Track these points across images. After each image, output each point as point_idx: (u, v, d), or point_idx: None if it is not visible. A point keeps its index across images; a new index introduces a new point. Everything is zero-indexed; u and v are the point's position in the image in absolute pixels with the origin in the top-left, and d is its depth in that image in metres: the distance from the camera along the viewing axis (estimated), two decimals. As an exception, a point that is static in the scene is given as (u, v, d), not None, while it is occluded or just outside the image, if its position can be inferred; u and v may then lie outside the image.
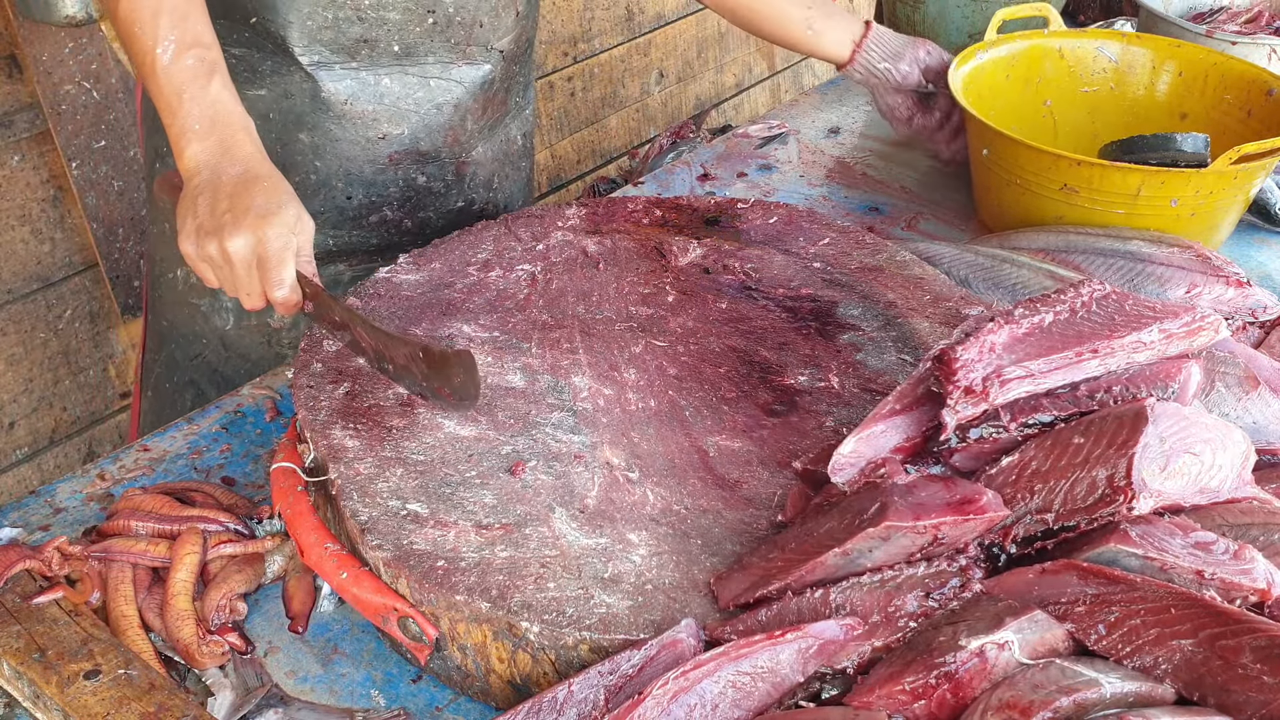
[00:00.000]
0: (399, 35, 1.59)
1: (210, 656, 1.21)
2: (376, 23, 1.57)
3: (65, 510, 1.42)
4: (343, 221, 1.74)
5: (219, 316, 1.73)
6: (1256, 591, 1.01)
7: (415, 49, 1.62)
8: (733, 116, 4.12)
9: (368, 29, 1.57)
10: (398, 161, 1.70)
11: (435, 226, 1.81)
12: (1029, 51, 2.03)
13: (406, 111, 1.66)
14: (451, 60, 1.65)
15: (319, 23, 1.55)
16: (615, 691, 1.03)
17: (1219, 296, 1.54)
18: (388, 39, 1.59)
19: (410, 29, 1.59)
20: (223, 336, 1.75)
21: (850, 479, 1.14)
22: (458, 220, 1.83)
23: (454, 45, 1.65)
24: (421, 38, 1.61)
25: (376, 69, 1.61)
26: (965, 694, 0.97)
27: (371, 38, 1.58)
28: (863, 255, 1.64)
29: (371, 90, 1.63)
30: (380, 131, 1.66)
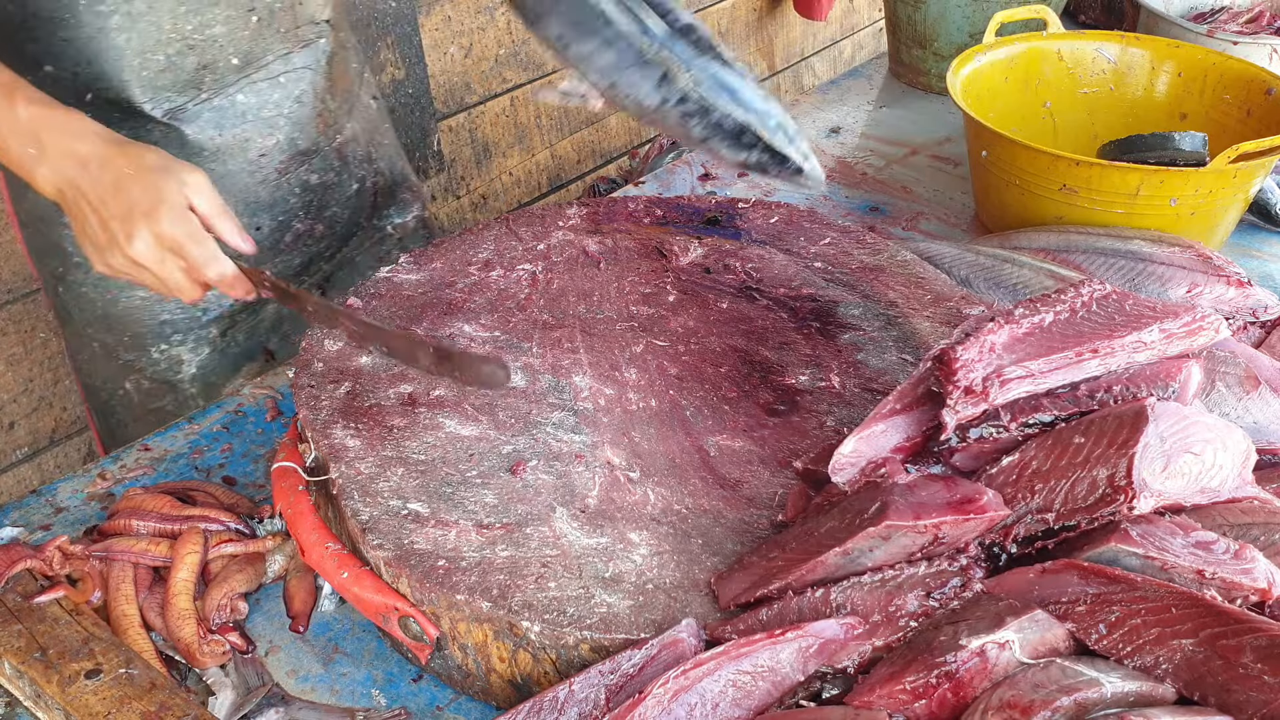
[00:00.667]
0: (232, 47, 1.52)
1: (211, 656, 1.21)
2: (207, 44, 1.49)
3: (66, 510, 1.42)
4: (263, 255, 1.67)
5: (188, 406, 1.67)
6: (1257, 591, 1.01)
7: (252, 54, 1.55)
8: (733, 117, 4.11)
9: (201, 54, 1.49)
10: (285, 170, 1.64)
11: (342, 219, 1.77)
12: (1028, 53, 2.03)
13: (273, 119, 1.60)
14: (289, 49, 1.59)
15: (154, 68, 1.47)
16: (616, 691, 1.04)
17: (1220, 296, 1.54)
18: (224, 55, 1.52)
19: (239, 36, 1.52)
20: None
21: (851, 479, 1.14)
22: (357, 206, 1.78)
23: (284, 34, 1.58)
24: (253, 40, 1.54)
25: (225, 90, 1.54)
26: (966, 693, 0.97)
27: (208, 61, 1.51)
28: (863, 255, 1.64)
29: (232, 113, 1.56)
30: (257, 149, 1.60)
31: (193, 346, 1.65)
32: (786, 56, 4.33)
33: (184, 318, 1.63)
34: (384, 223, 1.87)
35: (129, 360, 1.65)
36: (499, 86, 3.21)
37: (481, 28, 3.10)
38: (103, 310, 1.61)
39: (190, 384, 1.67)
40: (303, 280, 1.75)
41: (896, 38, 2.51)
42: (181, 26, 1.46)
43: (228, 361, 1.68)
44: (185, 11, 1.45)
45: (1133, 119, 2.01)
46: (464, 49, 3.07)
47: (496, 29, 3.15)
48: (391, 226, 1.88)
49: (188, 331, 1.64)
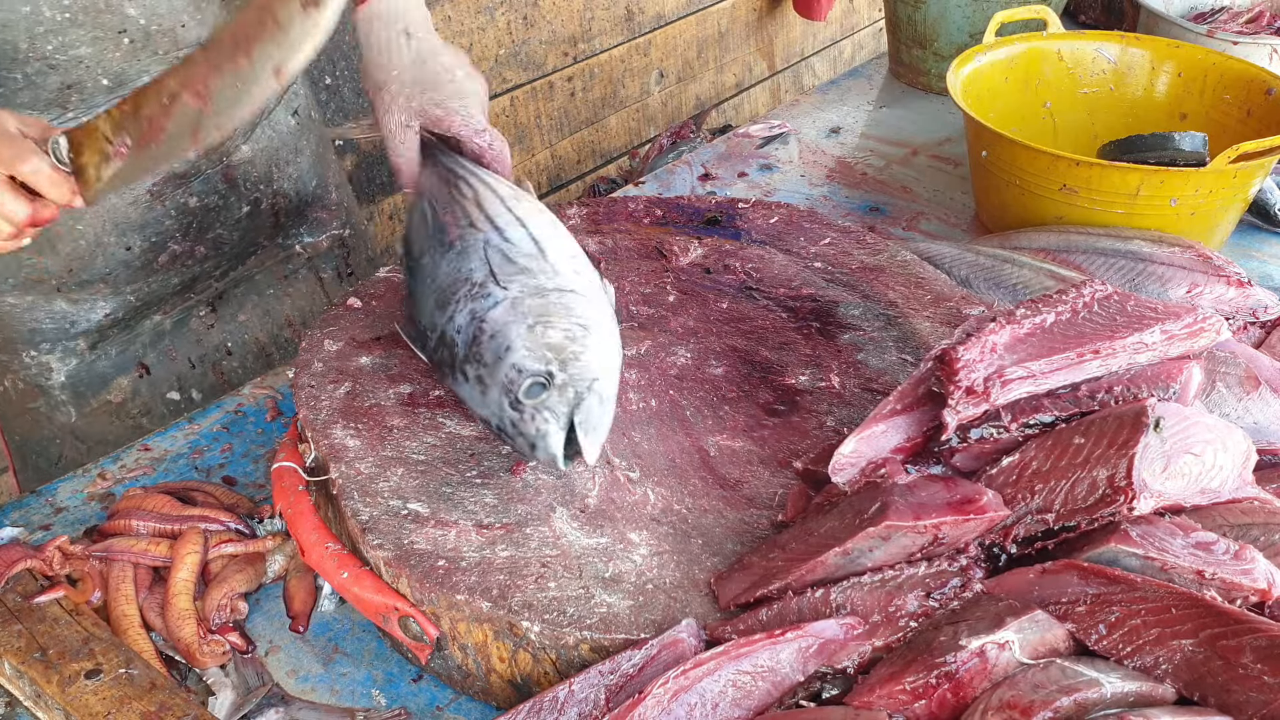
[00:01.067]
0: (101, 68, 1.44)
1: (211, 656, 1.21)
2: (71, 64, 1.42)
3: (66, 510, 1.42)
4: (134, 274, 1.62)
5: (60, 412, 1.66)
6: (1257, 591, 1.01)
7: (125, 75, 1.46)
8: (733, 116, 4.12)
9: (65, 74, 1.42)
10: (159, 194, 1.58)
11: (231, 240, 1.71)
12: (1028, 54, 2.03)
13: None
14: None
15: (12, 86, 1.40)
16: (616, 691, 1.04)
17: (1220, 296, 1.54)
18: (91, 76, 1.44)
19: (109, 57, 1.44)
20: (72, 429, 1.68)
21: (851, 479, 1.14)
22: (251, 227, 1.72)
23: (164, 57, 1.49)
24: (126, 61, 1.46)
25: (94, 110, 1.45)
26: (966, 694, 0.97)
27: (74, 81, 1.43)
28: (863, 255, 1.64)
29: None
30: None
31: (60, 356, 1.63)
32: (786, 56, 4.33)
33: (52, 328, 1.61)
34: (291, 241, 1.82)
35: (3, 360, 1.64)
36: (499, 86, 3.21)
37: (481, 28, 3.10)
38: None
39: (60, 391, 1.65)
40: (188, 298, 1.71)
41: (896, 38, 2.51)
42: (40, 46, 1.40)
43: (97, 374, 1.66)
44: (44, 32, 1.39)
45: (1133, 119, 2.01)
46: (464, 49, 3.07)
47: (496, 29, 3.15)
48: (300, 245, 1.84)
49: (55, 341, 1.62)
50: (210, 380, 1.77)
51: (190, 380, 1.74)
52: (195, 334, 1.74)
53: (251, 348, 1.80)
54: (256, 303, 1.80)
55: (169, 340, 1.70)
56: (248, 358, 1.80)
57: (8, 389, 1.68)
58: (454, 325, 1.26)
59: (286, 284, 1.83)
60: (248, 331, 1.79)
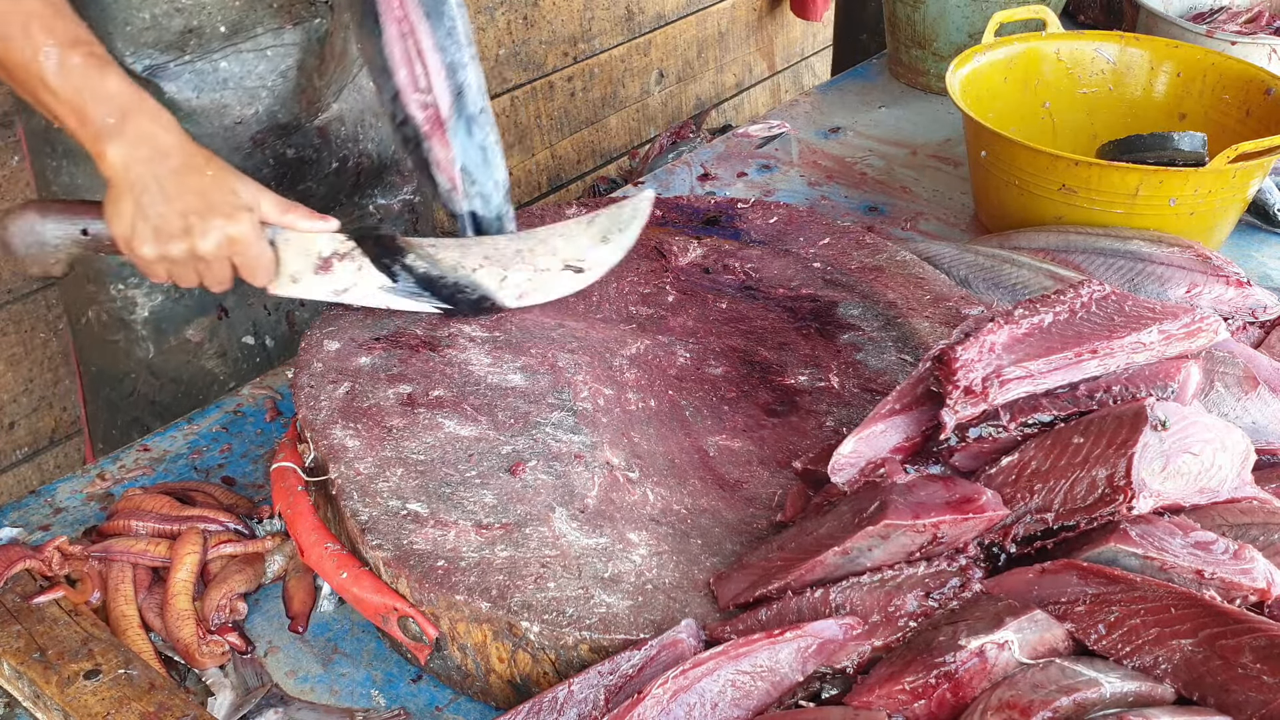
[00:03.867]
0: (221, 15, 1.53)
1: (210, 656, 1.21)
2: (195, 9, 1.51)
3: (65, 510, 1.42)
4: None
5: (139, 347, 1.69)
6: (1256, 591, 1.01)
7: (242, 24, 1.55)
8: (733, 116, 4.12)
9: (188, 18, 1.51)
10: (261, 142, 1.65)
11: (317, 195, 1.76)
12: (1027, 54, 2.03)
13: (254, 89, 1.60)
14: (280, 25, 1.58)
15: (138, 25, 1.49)
16: (615, 691, 1.04)
17: (1219, 296, 1.54)
18: (211, 22, 1.53)
19: (230, 5, 1.53)
20: (149, 365, 1.71)
21: (850, 479, 1.14)
22: (336, 184, 1.79)
23: (278, 9, 1.58)
24: (244, 10, 1.55)
25: (210, 55, 1.55)
26: (965, 694, 0.97)
27: (195, 25, 1.52)
28: (863, 255, 1.64)
29: (213, 78, 1.56)
30: (234, 117, 1.61)
31: (147, 291, 1.66)
32: (786, 56, 4.33)
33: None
34: (366, 202, 1.87)
35: (92, 292, 1.68)
36: (499, 86, 3.21)
37: (481, 28, 3.10)
38: None
39: (142, 326, 1.68)
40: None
41: (896, 38, 2.51)
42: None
43: (180, 311, 1.69)
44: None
45: (1132, 119, 2.01)
46: (463, 49, 3.07)
47: (496, 29, 3.15)
48: (374, 207, 1.88)
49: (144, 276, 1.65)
50: (283, 329, 1.80)
51: (265, 327, 1.77)
52: None
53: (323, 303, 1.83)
54: None
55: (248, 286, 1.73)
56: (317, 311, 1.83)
57: (90, 320, 1.71)
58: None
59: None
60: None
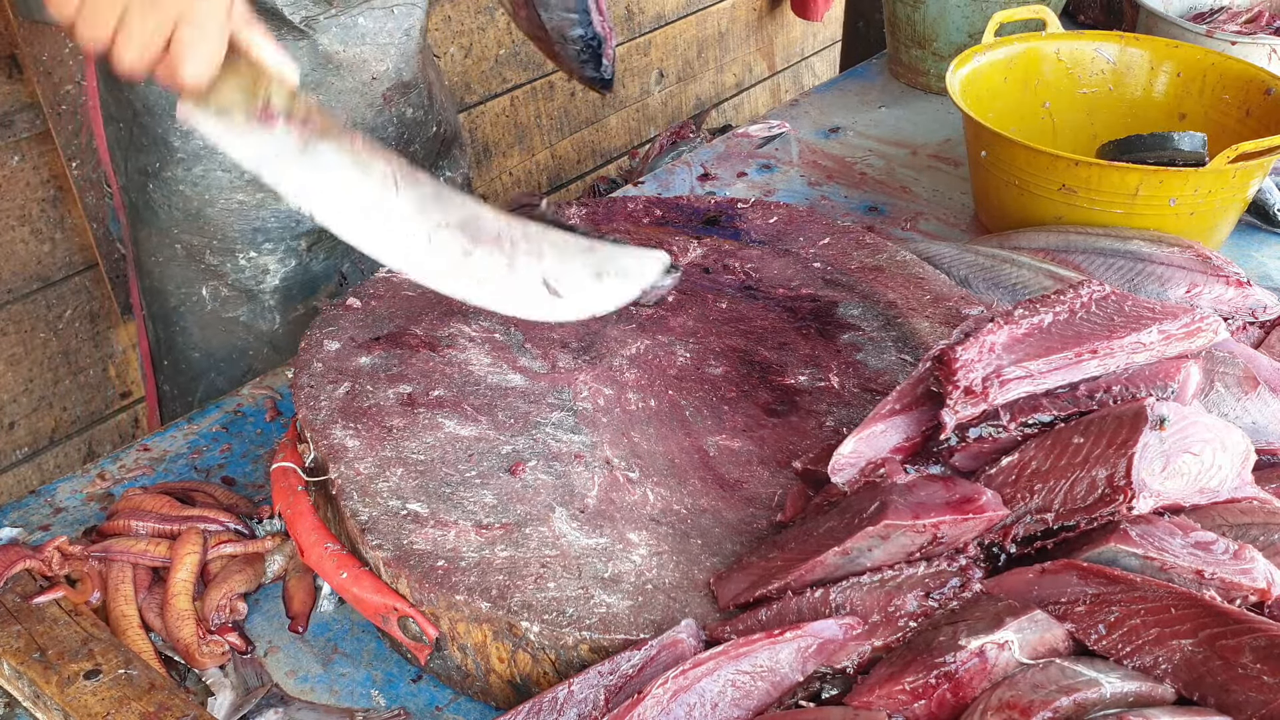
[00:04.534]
0: None
1: (210, 656, 1.21)
2: None
3: (65, 510, 1.42)
4: None
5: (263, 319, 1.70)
6: (1256, 591, 1.01)
7: None
8: (733, 116, 4.12)
9: None
10: (390, 99, 1.70)
11: (419, 158, 1.79)
12: (1027, 54, 2.03)
13: (386, 46, 1.65)
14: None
15: None
16: (615, 691, 1.04)
17: (1219, 296, 1.54)
18: None
19: None
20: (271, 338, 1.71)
21: (850, 479, 1.14)
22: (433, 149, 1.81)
23: None
24: None
25: (350, 10, 1.60)
26: (965, 694, 0.97)
27: None
28: (863, 255, 1.64)
29: (354, 33, 1.62)
30: (371, 72, 1.65)
31: (281, 257, 1.67)
32: (786, 56, 4.33)
33: (277, 226, 1.65)
34: (439, 172, 1.90)
35: (213, 265, 1.65)
36: (499, 86, 3.21)
37: (481, 28, 3.10)
38: (197, 209, 1.63)
39: (271, 295, 1.68)
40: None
41: (896, 38, 2.51)
42: None
43: (309, 277, 1.70)
44: None
45: (1132, 119, 2.01)
46: (464, 49, 3.07)
47: (496, 29, 3.15)
48: (443, 178, 1.91)
49: (279, 240, 1.66)
50: None
51: None
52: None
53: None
54: None
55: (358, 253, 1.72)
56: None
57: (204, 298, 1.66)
58: None
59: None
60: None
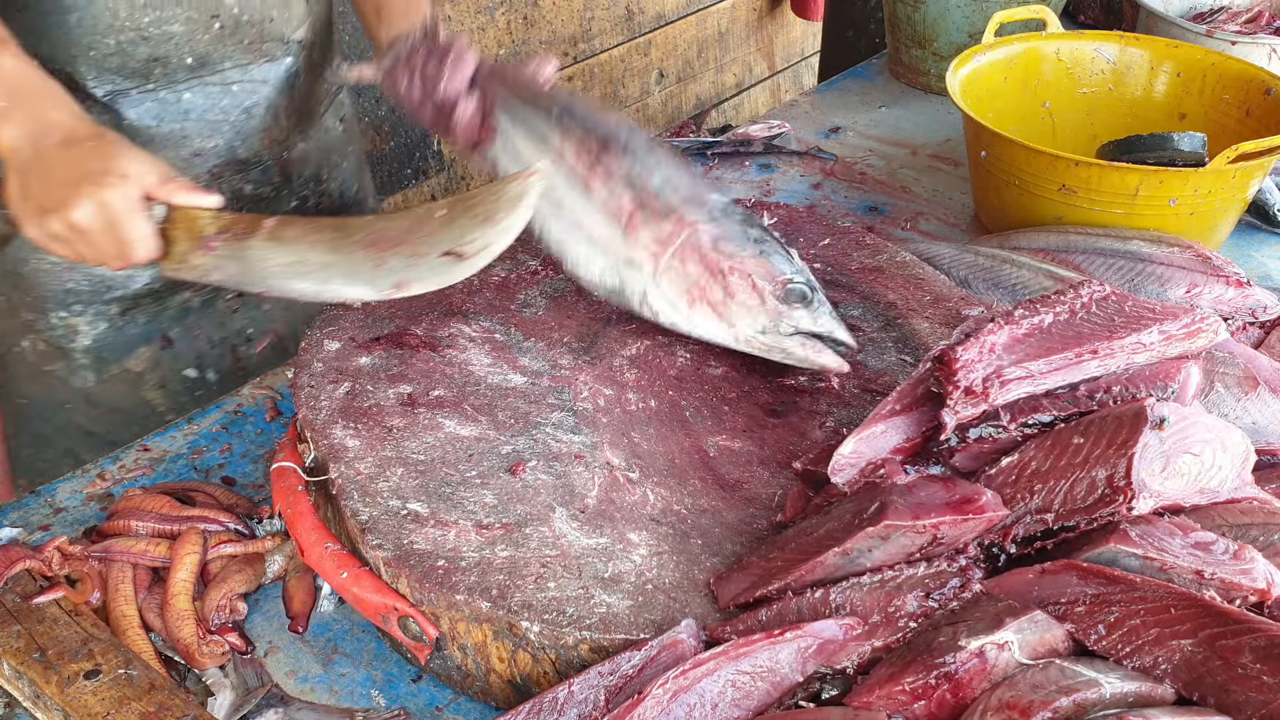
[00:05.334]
0: (188, 47, 1.52)
1: (210, 656, 1.21)
2: (162, 39, 1.49)
3: (65, 510, 1.42)
4: None
5: (78, 376, 1.68)
6: (1256, 591, 1.01)
7: (209, 57, 1.55)
8: (733, 116, 4.12)
9: (154, 47, 1.49)
10: (219, 174, 1.63)
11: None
12: (1027, 54, 2.03)
13: (216, 122, 1.59)
14: (249, 61, 1.59)
15: (103, 51, 1.47)
16: (615, 692, 1.04)
17: (1219, 296, 1.54)
18: (178, 53, 1.52)
19: (198, 38, 1.52)
20: (87, 395, 1.70)
21: (850, 479, 1.14)
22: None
23: (248, 46, 1.58)
24: (212, 45, 1.54)
25: (174, 86, 1.54)
26: (965, 694, 0.97)
27: (161, 55, 1.50)
28: (863, 255, 1.64)
29: (174, 109, 1.55)
30: (193, 148, 1.59)
31: (90, 319, 1.65)
32: (786, 56, 4.33)
33: (88, 289, 1.63)
34: None
35: (29, 320, 1.66)
36: (498, 86, 3.21)
37: (481, 28, 3.10)
38: (13, 266, 1.61)
39: (83, 355, 1.67)
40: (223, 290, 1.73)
41: (896, 38, 2.51)
42: (138, 18, 1.47)
43: (123, 341, 1.68)
44: (144, 4, 1.46)
45: (1132, 119, 2.01)
46: (463, 49, 3.07)
47: (496, 29, 3.15)
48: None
49: (89, 304, 1.64)
50: (227, 363, 1.78)
51: (208, 360, 1.76)
52: (220, 315, 1.75)
53: (270, 338, 1.82)
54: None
55: (194, 317, 1.72)
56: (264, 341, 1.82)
57: (24, 350, 1.69)
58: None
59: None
60: (270, 321, 1.81)
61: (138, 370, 1.69)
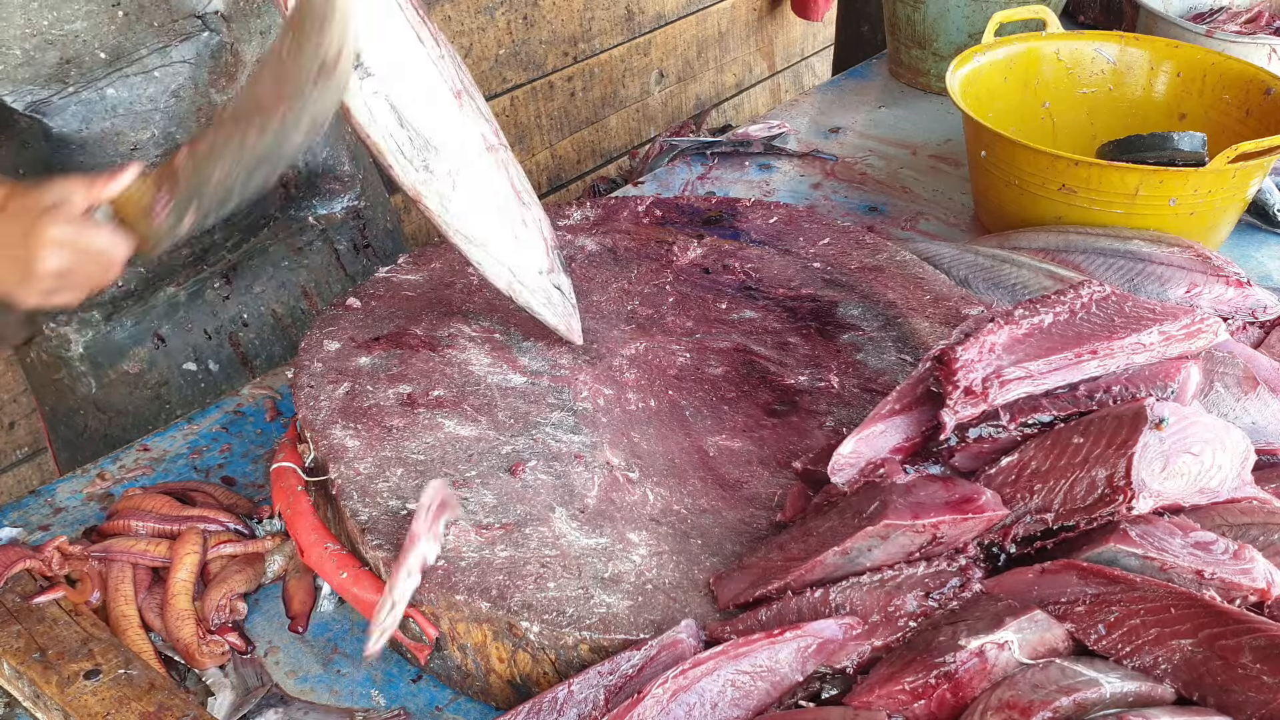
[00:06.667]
0: (98, 42, 1.46)
1: (210, 656, 1.21)
2: (67, 39, 1.44)
3: (65, 510, 1.42)
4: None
5: (81, 383, 1.69)
6: (1256, 591, 1.01)
7: (121, 48, 1.49)
8: (733, 116, 4.12)
9: (62, 49, 1.44)
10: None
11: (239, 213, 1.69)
12: (1027, 54, 2.03)
13: (146, 113, 1.54)
14: (166, 43, 1.52)
15: (11, 62, 1.42)
16: (615, 691, 1.04)
17: (1219, 296, 1.54)
18: (89, 50, 1.47)
19: (104, 30, 1.46)
20: (94, 401, 1.71)
21: (850, 479, 1.14)
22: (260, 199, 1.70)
23: (160, 28, 1.51)
24: (121, 34, 1.48)
25: (94, 84, 1.49)
26: (965, 694, 0.97)
27: (71, 56, 1.45)
28: (863, 255, 1.64)
29: (99, 108, 1.51)
30: (129, 143, 1.55)
31: (77, 327, 1.65)
32: (786, 56, 4.33)
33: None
34: (304, 213, 1.84)
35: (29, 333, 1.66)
36: (499, 86, 3.21)
37: (481, 28, 3.10)
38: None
39: (80, 362, 1.67)
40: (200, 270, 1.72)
41: (896, 38, 2.51)
42: (36, 21, 1.41)
43: (114, 345, 1.68)
44: (38, 7, 1.41)
45: (1132, 119, 2.01)
46: (464, 49, 3.07)
47: (496, 29, 3.15)
48: (314, 217, 1.85)
49: (73, 313, 1.64)
50: (226, 352, 1.78)
51: (206, 352, 1.76)
52: (210, 306, 1.75)
53: (267, 319, 1.82)
54: (271, 274, 1.81)
55: (184, 312, 1.72)
56: (264, 329, 1.81)
57: (34, 360, 1.71)
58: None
59: (301, 256, 1.84)
60: (263, 303, 1.80)
61: (135, 372, 1.70)
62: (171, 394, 1.72)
